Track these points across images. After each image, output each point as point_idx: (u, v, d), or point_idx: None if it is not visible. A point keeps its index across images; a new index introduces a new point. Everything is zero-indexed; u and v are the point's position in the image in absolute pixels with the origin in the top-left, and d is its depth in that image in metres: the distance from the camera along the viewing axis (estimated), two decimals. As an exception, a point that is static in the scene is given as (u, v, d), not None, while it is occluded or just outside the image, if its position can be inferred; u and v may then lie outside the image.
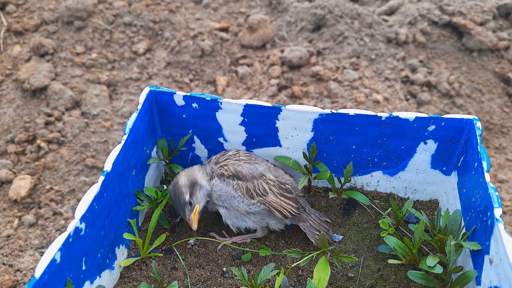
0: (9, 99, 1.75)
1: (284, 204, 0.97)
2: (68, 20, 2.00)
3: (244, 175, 0.97)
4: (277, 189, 0.97)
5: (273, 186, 0.97)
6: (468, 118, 0.99)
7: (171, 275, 0.97)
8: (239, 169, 0.98)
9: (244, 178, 0.97)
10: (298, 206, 0.98)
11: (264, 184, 0.97)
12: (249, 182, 0.97)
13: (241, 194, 0.97)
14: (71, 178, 1.54)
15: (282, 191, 0.97)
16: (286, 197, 0.97)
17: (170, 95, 1.05)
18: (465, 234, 0.88)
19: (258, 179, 0.97)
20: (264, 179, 0.98)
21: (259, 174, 0.98)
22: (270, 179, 0.98)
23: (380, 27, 2.05)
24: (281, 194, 0.97)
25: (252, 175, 0.97)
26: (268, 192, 0.96)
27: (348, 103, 1.78)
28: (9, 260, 1.33)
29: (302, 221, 1.00)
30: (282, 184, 0.99)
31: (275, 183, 0.98)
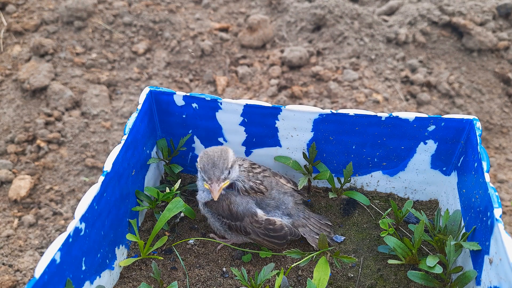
0: (9, 99, 1.75)
1: (266, 242, 0.96)
2: (68, 20, 2.00)
3: (237, 216, 0.95)
4: (263, 230, 0.95)
5: (258, 228, 0.95)
6: (468, 118, 0.99)
7: (171, 275, 0.97)
8: (234, 210, 0.95)
9: (235, 218, 0.96)
10: (285, 240, 0.96)
11: (247, 227, 0.95)
12: (236, 222, 0.96)
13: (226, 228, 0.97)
14: (71, 178, 1.54)
15: (268, 231, 0.95)
16: (271, 236, 0.95)
17: (170, 95, 1.05)
18: (465, 234, 0.88)
19: (246, 219, 0.95)
20: (253, 220, 0.95)
21: (251, 215, 0.95)
22: (258, 220, 0.95)
23: (380, 27, 2.05)
24: (265, 234, 0.95)
25: (244, 214, 0.95)
26: (251, 233, 0.95)
27: (348, 103, 1.78)
28: (9, 260, 1.33)
29: (302, 226, 1.00)
30: (271, 223, 0.95)
31: (262, 225, 0.95)
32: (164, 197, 1.02)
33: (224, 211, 0.95)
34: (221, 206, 0.96)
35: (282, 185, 1.02)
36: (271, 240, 0.96)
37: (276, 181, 1.01)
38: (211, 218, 0.99)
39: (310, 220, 1.01)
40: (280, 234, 0.96)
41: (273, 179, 1.01)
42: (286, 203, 1.00)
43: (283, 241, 0.96)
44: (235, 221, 0.95)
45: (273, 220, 0.96)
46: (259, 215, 0.96)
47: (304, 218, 1.01)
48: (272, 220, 0.96)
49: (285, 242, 0.97)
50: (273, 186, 1.00)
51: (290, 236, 0.97)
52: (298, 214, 1.00)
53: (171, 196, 1.02)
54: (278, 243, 0.96)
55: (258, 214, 0.96)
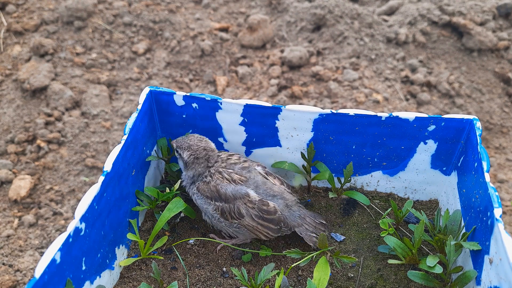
0: (9, 99, 1.75)
1: (260, 227, 0.95)
2: (68, 20, 2.00)
3: (227, 197, 0.96)
4: (257, 211, 0.95)
5: (252, 208, 0.95)
6: (468, 118, 0.99)
7: (171, 275, 0.97)
8: (223, 191, 0.96)
9: (226, 200, 0.96)
10: (279, 227, 0.95)
11: (241, 208, 0.95)
12: (226, 204, 0.96)
13: (219, 215, 0.97)
14: (71, 178, 1.54)
15: (262, 213, 0.95)
16: (265, 219, 0.95)
17: (170, 95, 1.05)
18: (465, 234, 0.88)
19: (239, 201, 0.95)
20: (246, 200, 0.95)
21: (242, 195, 0.95)
22: (251, 200, 0.95)
23: (380, 27, 2.05)
24: (259, 217, 0.95)
25: (235, 196, 0.95)
26: (245, 215, 0.95)
27: (348, 103, 1.78)
28: (9, 260, 1.33)
29: (298, 226, 0.99)
30: (264, 204, 0.95)
31: (255, 205, 0.95)
32: (164, 197, 1.02)
33: (213, 192, 0.96)
34: (209, 188, 0.97)
35: (272, 185, 1.00)
36: (266, 225, 0.95)
37: (263, 181, 1.00)
38: (203, 204, 0.98)
39: (306, 219, 1.00)
40: (274, 217, 0.95)
41: (258, 178, 0.99)
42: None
43: (277, 226, 0.95)
44: (227, 203, 0.95)
45: (266, 202, 0.96)
46: (252, 195, 0.95)
47: (300, 218, 1.00)
48: (266, 201, 0.96)
49: (279, 228, 0.96)
50: (259, 186, 0.98)
51: (284, 225, 0.96)
52: (293, 215, 0.99)
53: (171, 196, 1.02)
54: (273, 228, 0.95)
55: (251, 194, 0.96)
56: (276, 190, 0.99)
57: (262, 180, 0.99)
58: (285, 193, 1.00)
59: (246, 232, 0.98)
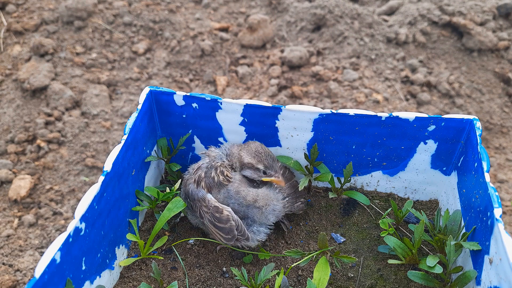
0: (9, 99, 1.75)
1: (213, 231, 0.95)
2: (68, 20, 2.00)
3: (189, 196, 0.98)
4: (210, 216, 0.94)
5: (206, 213, 0.95)
6: (468, 118, 0.99)
7: (171, 275, 0.97)
8: (187, 189, 0.98)
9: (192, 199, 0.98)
10: (232, 236, 0.93)
11: (202, 210, 0.95)
12: (192, 203, 0.98)
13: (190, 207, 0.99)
14: (71, 178, 1.54)
15: (214, 220, 0.94)
16: (216, 226, 0.94)
17: (170, 95, 1.05)
18: (465, 234, 0.88)
19: (197, 202, 0.96)
20: (202, 204, 0.95)
21: (199, 198, 0.96)
22: (206, 205, 0.95)
23: (380, 27, 2.05)
24: (211, 222, 0.94)
25: (193, 198, 0.97)
26: (204, 217, 0.96)
27: (348, 103, 1.78)
28: (9, 260, 1.33)
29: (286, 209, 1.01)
30: (218, 211, 0.94)
31: (210, 210, 0.94)
32: (164, 197, 1.02)
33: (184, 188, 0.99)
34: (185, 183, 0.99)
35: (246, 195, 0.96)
36: (217, 231, 0.94)
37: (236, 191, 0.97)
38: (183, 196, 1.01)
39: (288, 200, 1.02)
40: (225, 226, 0.93)
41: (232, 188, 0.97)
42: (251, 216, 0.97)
43: (228, 235, 0.93)
44: (192, 201, 0.97)
45: (221, 209, 0.94)
46: (208, 200, 0.95)
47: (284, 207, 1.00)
48: (220, 208, 0.94)
49: (231, 237, 0.93)
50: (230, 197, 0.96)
51: (239, 233, 0.94)
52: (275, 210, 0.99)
53: (171, 196, 1.02)
54: (224, 237, 0.94)
55: (208, 199, 0.95)
56: (249, 199, 0.96)
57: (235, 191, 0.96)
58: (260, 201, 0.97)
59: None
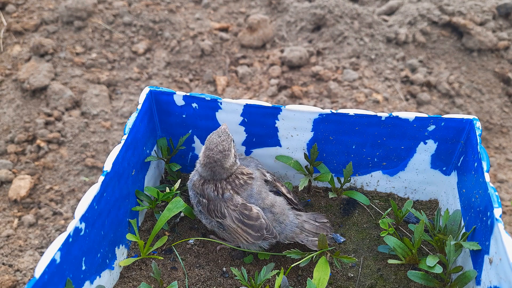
0: (9, 99, 1.75)
1: (240, 230, 0.93)
2: (68, 20, 2.00)
3: (208, 198, 0.95)
4: (238, 214, 0.93)
5: (233, 211, 0.93)
6: (468, 118, 0.99)
7: (171, 275, 0.97)
8: (206, 192, 0.95)
9: (210, 198, 0.95)
10: (260, 234, 0.92)
11: (223, 207, 0.93)
12: (212, 202, 0.95)
13: (204, 211, 0.97)
14: (71, 178, 1.54)
15: (243, 216, 0.92)
16: (245, 223, 0.92)
17: (170, 95, 1.05)
18: (465, 234, 0.88)
19: (221, 202, 0.94)
20: (228, 202, 0.93)
21: (225, 199, 0.94)
22: (234, 204, 0.93)
23: (380, 27, 2.05)
24: (239, 220, 0.92)
25: (217, 199, 0.94)
26: (226, 216, 0.93)
27: (348, 103, 1.78)
28: (9, 260, 1.33)
29: (296, 236, 0.96)
30: (247, 209, 0.93)
31: (237, 209, 0.93)
32: (164, 197, 1.02)
33: (199, 190, 0.97)
34: (198, 186, 0.97)
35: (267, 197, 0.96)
36: (246, 230, 0.92)
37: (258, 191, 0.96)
38: (192, 198, 0.99)
39: (304, 227, 0.97)
40: (255, 223, 0.92)
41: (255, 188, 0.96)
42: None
43: (258, 233, 0.92)
44: (210, 202, 0.95)
45: (249, 206, 0.93)
46: (236, 199, 0.94)
47: (298, 227, 0.97)
48: (249, 206, 0.93)
49: (260, 236, 0.92)
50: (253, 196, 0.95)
51: (267, 232, 0.92)
52: (287, 228, 0.96)
53: (171, 196, 1.02)
54: (253, 235, 0.92)
55: (235, 198, 0.94)
56: (267, 203, 0.96)
57: (257, 190, 0.96)
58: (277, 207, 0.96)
59: (226, 233, 0.97)
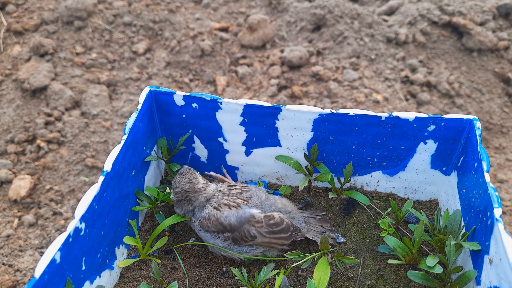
0: (9, 99, 1.75)
1: (274, 240, 0.94)
2: (68, 20, 2.00)
3: (232, 227, 0.94)
4: (266, 228, 0.94)
5: (261, 227, 0.94)
6: (468, 118, 0.99)
7: (171, 275, 0.97)
8: (227, 222, 0.94)
9: (232, 229, 0.94)
10: (290, 233, 0.95)
11: (251, 230, 0.93)
12: (236, 232, 0.94)
13: (230, 243, 0.95)
14: (71, 178, 1.54)
15: (271, 227, 0.94)
16: (276, 232, 0.94)
17: (170, 95, 1.05)
18: (465, 234, 0.88)
19: (246, 225, 0.93)
20: (253, 222, 0.94)
21: (248, 218, 0.94)
22: (257, 220, 0.94)
23: (380, 27, 2.05)
24: (270, 232, 0.94)
25: (241, 222, 0.94)
26: (257, 235, 0.94)
27: (348, 103, 1.78)
28: (9, 260, 1.33)
29: (307, 232, 0.99)
30: (270, 219, 0.94)
31: (263, 224, 0.94)
32: (164, 197, 1.02)
33: (217, 226, 0.94)
34: (212, 223, 0.94)
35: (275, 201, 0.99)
36: (279, 236, 0.94)
37: (266, 196, 0.99)
38: (211, 239, 0.96)
39: (311, 222, 1.01)
40: (283, 227, 0.95)
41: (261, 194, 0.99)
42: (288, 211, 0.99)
43: (288, 233, 0.95)
44: (234, 232, 0.93)
45: (271, 215, 0.95)
46: (257, 215, 0.95)
47: (305, 222, 1.00)
48: (270, 215, 0.95)
49: (290, 235, 0.95)
50: (264, 202, 0.97)
51: (294, 230, 0.96)
52: (298, 223, 0.99)
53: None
54: (285, 236, 0.95)
55: (256, 214, 0.95)
56: (280, 206, 0.99)
57: (265, 196, 0.99)
58: (288, 207, 1.00)
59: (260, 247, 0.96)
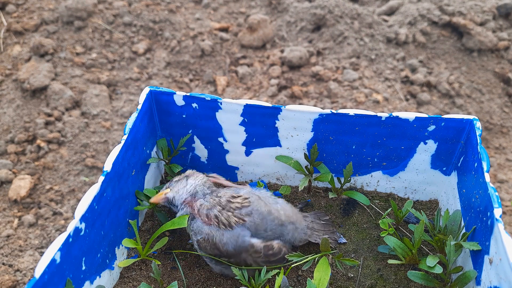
0: (9, 99, 1.75)
1: (268, 264, 0.93)
2: (68, 20, 2.00)
3: (229, 254, 0.91)
4: (263, 258, 0.92)
5: (258, 257, 0.92)
6: (468, 118, 0.99)
7: (171, 275, 0.97)
8: (224, 250, 0.90)
9: (229, 256, 0.91)
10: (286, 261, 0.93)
11: (247, 259, 0.92)
12: (232, 259, 0.92)
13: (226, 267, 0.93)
14: (71, 178, 1.54)
15: (269, 257, 0.92)
16: (272, 261, 0.93)
17: (170, 95, 1.05)
18: (465, 234, 0.88)
19: (244, 253, 0.91)
20: (251, 251, 0.91)
21: (246, 248, 0.91)
22: (256, 250, 0.91)
23: (380, 27, 2.05)
24: (267, 261, 0.92)
25: (239, 250, 0.90)
26: (252, 263, 0.92)
27: (348, 103, 1.78)
28: (9, 260, 1.33)
29: (309, 237, 0.98)
30: (269, 249, 0.92)
31: (262, 254, 0.92)
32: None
33: (214, 250, 0.91)
34: (209, 245, 0.91)
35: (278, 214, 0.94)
36: (273, 264, 0.93)
37: (268, 212, 0.93)
38: (208, 261, 0.95)
39: (314, 227, 1.00)
40: (280, 256, 0.93)
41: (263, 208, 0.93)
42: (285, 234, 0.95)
43: (284, 262, 0.94)
44: (230, 258, 0.92)
45: (271, 245, 0.92)
46: (256, 245, 0.91)
47: (308, 228, 0.99)
48: (270, 245, 0.92)
49: (286, 262, 0.94)
50: (266, 218, 0.92)
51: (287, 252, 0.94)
52: (303, 231, 0.98)
53: (171, 196, 1.02)
54: (279, 265, 0.94)
55: (255, 245, 0.91)
56: (283, 218, 0.94)
57: (267, 210, 0.93)
58: (292, 217, 0.96)
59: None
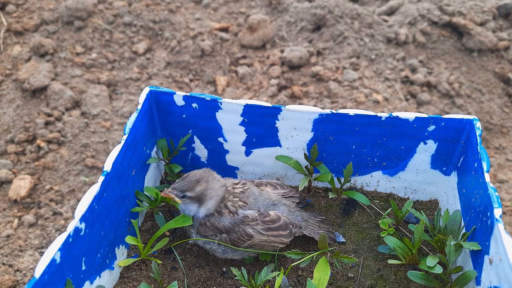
0: (9, 99, 1.75)
1: (272, 238, 0.93)
2: (68, 20, 2.00)
3: (227, 229, 0.93)
4: (262, 225, 0.93)
5: (256, 225, 0.93)
6: (468, 118, 0.99)
7: (171, 275, 0.97)
8: (221, 225, 0.93)
9: (227, 230, 0.93)
10: (290, 231, 0.94)
11: (246, 229, 0.93)
12: (232, 233, 0.93)
13: (229, 247, 0.94)
14: (71, 178, 1.54)
15: (267, 224, 0.93)
16: (273, 228, 0.93)
17: (170, 95, 1.05)
18: (465, 234, 0.88)
19: (241, 225, 0.93)
20: (247, 221, 0.93)
21: (241, 219, 0.93)
22: (253, 219, 0.93)
23: (380, 27, 2.05)
24: (267, 229, 0.93)
25: (235, 223, 0.93)
26: (253, 233, 0.93)
27: (348, 103, 1.78)
28: (9, 260, 1.33)
29: (305, 228, 0.99)
30: (266, 216, 0.93)
31: (258, 221, 0.93)
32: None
33: (212, 229, 0.94)
34: (207, 227, 0.94)
35: (269, 195, 0.98)
36: (277, 234, 0.93)
37: (259, 192, 0.97)
38: (207, 244, 0.96)
39: (309, 221, 1.01)
40: (280, 223, 0.93)
41: (254, 189, 0.97)
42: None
43: (287, 231, 0.94)
44: (230, 233, 0.93)
45: (266, 213, 0.94)
46: (251, 214, 0.94)
47: (303, 220, 1.00)
48: (265, 212, 0.94)
49: (290, 233, 0.94)
50: (258, 198, 0.96)
51: (293, 227, 0.95)
52: (297, 218, 0.99)
53: (171, 196, 1.02)
54: (285, 234, 0.93)
55: (250, 215, 0.94)
56: (274, 198, 0.98)
57: (258, 192, 0.98)
58: (283, 199, 0.99)
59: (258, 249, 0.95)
